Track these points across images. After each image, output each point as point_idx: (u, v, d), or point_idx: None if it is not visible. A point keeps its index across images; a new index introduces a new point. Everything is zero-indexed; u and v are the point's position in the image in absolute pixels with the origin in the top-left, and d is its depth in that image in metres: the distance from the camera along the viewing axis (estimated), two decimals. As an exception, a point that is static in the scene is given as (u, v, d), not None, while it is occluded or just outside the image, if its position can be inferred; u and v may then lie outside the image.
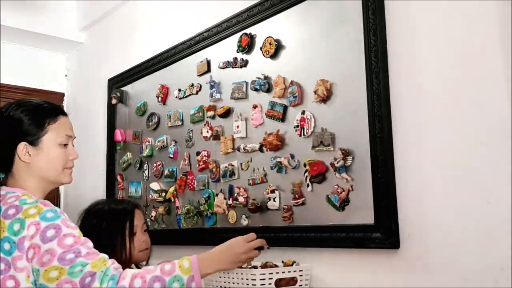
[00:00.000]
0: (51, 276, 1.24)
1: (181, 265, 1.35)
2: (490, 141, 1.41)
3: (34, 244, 1.24)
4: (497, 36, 1.41)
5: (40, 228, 1.25)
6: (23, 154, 1.38)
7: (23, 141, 1.38)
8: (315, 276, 1.80)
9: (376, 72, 1.65)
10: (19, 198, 1.32)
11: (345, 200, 1.72)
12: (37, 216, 1.27)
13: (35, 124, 1.40)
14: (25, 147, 1.38)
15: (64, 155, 1.43)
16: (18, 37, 3.38)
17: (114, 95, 3.00)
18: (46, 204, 1.31)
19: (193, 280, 1.33)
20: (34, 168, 1.40)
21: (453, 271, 1.45)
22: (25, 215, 1.27)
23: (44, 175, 1.41)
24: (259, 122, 2.08)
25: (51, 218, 1.28)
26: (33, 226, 1.25)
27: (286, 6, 2.00)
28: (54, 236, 1.25)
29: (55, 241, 1.25)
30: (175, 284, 1.31)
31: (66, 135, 1.45)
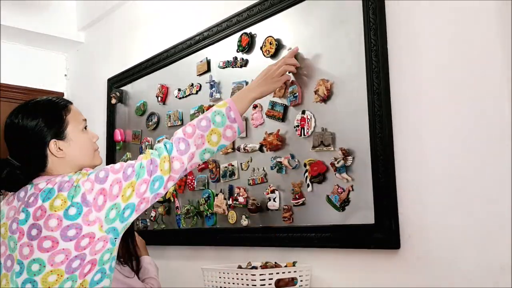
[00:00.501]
0: (128, 194, 1.36)
1: (217, 104, 1.56)
2: (490, 141, 1.40)
3: (98, 191, 1.33)
4: (497, 36, 1.41)
5: (92, 178, 1.35)
6: (56, 151, 1.43)
7: (51, 139, 1.43)
8: (315, 276, 1.80)
9: (377, 72, 1.65)
10: (65, 175, 1.40)
11: (346, 200, 1.72)
12: (86, 176, 1.37)
13: (56, 120, 1.45)
14: (55, 144, 1.43)
15: (89, 139, 1.52)
16: (18, 37, 3.38)
17: (114, 95, 3.00)
18: (88, 169, 1.43)
19: (231, 110, 1.52)
20: (69, 160, 1.45)
21: (453, 271, 1.45)
22: (77, 181, 1.36)
23: (80, 162, 1.47)
24: (259, 122, 2.08)
25: (94, 171, 1.40)
26: (87, 182, 1.35)
27: (286, 6, 2.00)
28: (106, 173, 1.36)
29: (110, 174, 1.36)
30: (217, 117, 1.51)
31: (83, 120, 1.52)
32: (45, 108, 1.47)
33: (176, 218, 2.47)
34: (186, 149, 1.44)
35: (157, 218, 2.60)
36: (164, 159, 1.40)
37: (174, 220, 2.49)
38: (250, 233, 2.06)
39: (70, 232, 1.30)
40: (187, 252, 2.40)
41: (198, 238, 2.32)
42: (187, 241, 2.37)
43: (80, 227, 1.31)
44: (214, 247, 2.25)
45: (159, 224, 2.59)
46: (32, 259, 1.32)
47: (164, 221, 2.57)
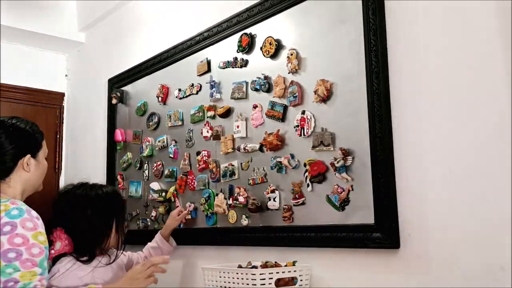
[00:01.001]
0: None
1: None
2: (490, 141, 1.41)
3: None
4: (497, 36, 1.41)
5: (0, 222, 1.38)
6: (26, 165, 1.54)
7: (28, 153, 1.56)
8: (315, 276, 1.80)
9: (376, 72, 1.65)
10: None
11: (345, 200, 1.72)
12: (3, 212, 1.40)
13: (38, 139, 1.61)
14: (29, 159, 1.55)
15: (46, 167, 1.67)
16: (18, 37, 3.38)
17: (114, 95, 3.00)
18: (15, 203, 1.44)
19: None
20: (28, 177, 1.57)
21: (453, 271, 1.45)
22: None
23: (33, 184, 1.60)
24: (259, 122, 2.08)
25: (13, 216, 1.41)
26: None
27: (286, 6, 2.00)
28: (8, 232, 1.38)
29: (6, 237, 1.37)
30: None
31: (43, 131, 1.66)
32: (32, 124, 1.62)
33: (177, 218, 2.48)
34: None
35: (158, 217, 2.60)
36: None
37: (174, 220, 2.49)
38: (250, 233, 2.06)
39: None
40: (187, 251, 2.41)
41: (198, 238, 2.32)
42: (187, 241, 2.38)
43: None
44: (214, 246, 2.25)
45: (160, 223, 2.59)
46: None
47: (164, 220, 2.57)
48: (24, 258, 1.38)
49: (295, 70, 1.93)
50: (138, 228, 2.71)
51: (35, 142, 1.60)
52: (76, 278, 1.75)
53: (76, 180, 2.02)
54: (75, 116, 3.57)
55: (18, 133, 1.56)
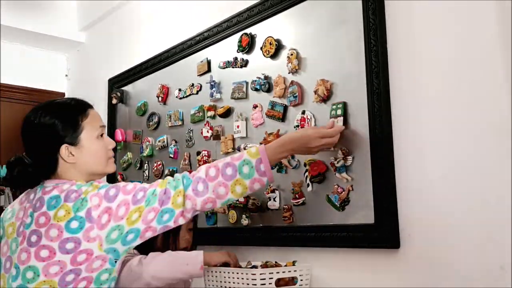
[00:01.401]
0: (133, 218, 1.32)
1: (249, 151, 1.43)
2: (490, 141, 1.40)
3: (104, 209, 1.31)
4: (497, 36, 1.41)
5: (102, 194, 1.33)
6: (67, 156, 1.41)
7: (63, 143, 1.41)
8: (315, 276, 1.80)
9: (376, 72, 1.65)
10: (74, 184, 1.37)
11: (345, 199, 1.72)
12: (96, 189, 1.34)
13: (70, 124, 1.43)
14: (67, 149, 1.41)
15: (104, 146, 1.48)
16: (18, 37, 3.38)
17: (115, 95, 3.01)
18: (100, 181, 1.40)
19: (261, 162, 1.39)
20: (80, 166, 1.43)
21: (453, 271, 1.45)
22: (85, 194, 1.33)
23: (91, 170, 1.45)
24: (259, 122, 2.08)
25: (105, 186, 1.36)
26: (95, 196, 1.32)
27: (286, 6, 2.00)
28: (117, 191, 1.34)
29: (120, 194, 1.33)
30: (244, 167, 1.39)
31: (100, 126, 1.49)
32: (63, 111, 1.45)
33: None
34: (203, 192, 1.37)
35: (158, 218, 2.60)
36: (179, 192, 1.35)
37: (174, 220, 2.49)
38: (250, 233, 2.06)
39: (68, 245, 1.29)
40: (188, 252, 2.40)
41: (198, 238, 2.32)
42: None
43: (79, 242, 1.29)
44: (214, 246, 2.25)
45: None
46: (28, 265, 1.30)
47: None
48: (148, 185, 1.38)
49: (295, 70, 1.93)
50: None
51: (68, 127, 1.41)
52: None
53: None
54: (75, 116, 3.56)
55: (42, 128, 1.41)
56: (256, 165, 1.39)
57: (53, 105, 1.47)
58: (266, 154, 1.41)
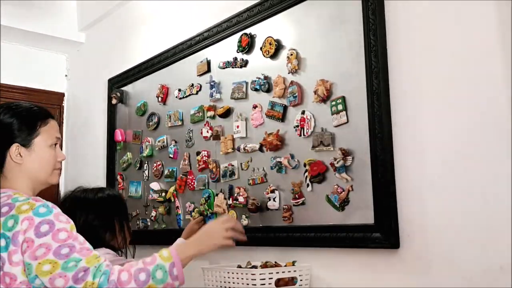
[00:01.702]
0: (44, 269, 1.26)
1: (161, 254, 1.39)
2: (490, 141, 1.41)
3: (27, 238, 1.27)
4: (497, 36, 1.41)
5: (34, 223, 1.28)
6: (15, 155, 1.42)
7: (15, 142, 1.42)
8: (315, 276, 1.80)
9: (376, 72, 1.65)
10: (11, 196, 1.36)
11: (345, 200, 1.72)
12: (30, 211, 1.30)
13: (28, 127, 1.44)
14: (17, 148, 1.42)
15: (54, 157, 1.48)
16: (18, 37, 3.38)
17: (114, 95, 3.00)
18: (38, 200, 1.35)
19: (174, 266, 1.36)
20: (25, 169, 1.44)
21: (453, 271, 1.45)
22: (18, 211, 1.30)
23: (35, 175, 1.45)
24: (259, 122, 2.08)
25: (43, 214, 1.31)
26: (27, 220, 1.28)
27: (286, 6, 2.00)
28: (48, 231, 1.28)
29: (49, 236, 1.28)
30: (158, 272, 1.35)
31: (56, 137, 1.50)
32: (24, 113, 1.46)
33: (177, 218, 2.48)
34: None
35: (158, 218, 2.60)
36: (92, 284, 1.27)
37: (174, 220, 2.49)
38: (250, 233, 2.04)
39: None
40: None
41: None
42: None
43: (4, 262, 1.27)
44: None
45: (160, 224, 2.59)
46: None
47: (164, 220, 2.57)
48: (79, 248, 1.30)
49: (295, 70, 1.93)
50: (138, 228, 2.71)
51: (25, 128, 1.43)
52: None
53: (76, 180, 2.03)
54: (75, 116, 3.57)
55: (1, 124, 1.43)
56: (169, 269, 1.36)
57: (18, 107, 1.49)
58: (179, 258, 1.38)
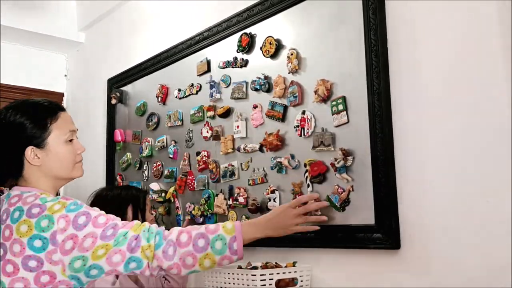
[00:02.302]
0: (99, 254, 1.28)
1: (225, 226, 1.38)
2: (490, 141, 1.40)
3: (70, 235, 1.27)
4: (498, 36, 1.41)
5: (70, 219, 1.28)
6: (31, 158, 1.38)
7: (29, 145, 1.38)
8: (315, 276, 1.80)
9: (377, 72, 1.65)
10: (39, 196, 1.33)
11: (346, 200, 1.72)
12: (63, 209, 1.29)
13: (38, 126, 1.39)
14: (32, 151, 1.38)
15: (72, 151, 1.45)
16: (18, 37, 3.38)
17: (114, 95, 3.00)
18: (68, 198, 1.34)
19: (235, 241, 1.35)
20: (45, 169, 1.40)
21: (453, 271, 1.45)
22: (51, 211, 1.29)
23: (56, 174, 1.42)
24: (259, 122, 2.08)
25: (76, 209, 1.31)
26: (62, 219, 1.28)
27: (286, 6, 2.00)
28: (87, 221, 1.29)
29: (90, 225, 1.29)
30: (217, 242, 1.34)
31: (70, 131, 1.45)
32: (31, 111, 1.41)
33: (177, 218, 2.47)
34: (171, 256, 1.32)
35: (157, 218, 2.60)
36: (148, 246, 1.30)
37: (174, 220, 2.49)
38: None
39: (31, 263, 1.25)
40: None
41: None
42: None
43: (42, 262, 1.25)
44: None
45: (159, 224, 2.58)
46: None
47: (164, 221, 2.57)
48: (121, 224, 1.32)
49: (295, 70, 1.93)
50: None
51: (36, 129, 1.38)
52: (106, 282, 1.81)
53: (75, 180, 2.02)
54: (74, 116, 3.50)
55: (10, 127, 1.38)
56: (229, 242, 1.35)
57: (24, 105, 1.44)
58: (241, 233, 1.36)
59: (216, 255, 1.34)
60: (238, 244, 1.35)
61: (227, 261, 1.36)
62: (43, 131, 1.39)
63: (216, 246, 1.33)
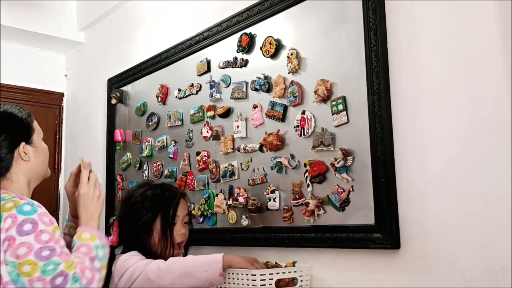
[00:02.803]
0: (24, 270, 1.24)
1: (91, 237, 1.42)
2: (490, 141, 1.40)
3: (9, 236, 1.25)
4: (497, 36, 1.41)
5: (17, 220, 1.27)
6: (23, 154, 1.41)
7: (22, 141, 1.41)
8: (315, 276, 1.80)
9: (377, 71, 1.65)
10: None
11: (346, 200, 1.72)
12: (14, 209, 1.28)
13: (28, 122, 1.45)
14: (24, 146, 1.41)
15: (47, 149, 1.52)
16: (18, 37, 3.38)
17: (114, 95, 3.00)
18: (23, 198, 1.33)
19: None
20: (31, 166, 1.43)
21: (453, 271, 1.45)
22: (2, 209, 1.28)
23: (38, 170, 1.46)
24: (259, 122, 2.08)
25: (28, 212, 1.29)
26: (10, 218, 1.27)
27: (286, 6, 2.00)
28: (31, 231, 1.27)
29: (32, 235, 1.26)
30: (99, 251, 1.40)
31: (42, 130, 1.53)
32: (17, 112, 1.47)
33: (176, 218, 2.47)
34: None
35: (157, 218, 2.59)
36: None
37: (174, 220, 2.49)
38: (250, 233, 2.06)
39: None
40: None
41: (198, 238, 2.31)
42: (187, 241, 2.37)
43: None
44: (214, 247, 2.25)
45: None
46: None
47: (164, 221, 2.56)
48: (59, 252, 1.29)
49: (295, 70, 1.93)
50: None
51: (26, 126, 1.45)
52: None
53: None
54: (74, 116, 3.56)
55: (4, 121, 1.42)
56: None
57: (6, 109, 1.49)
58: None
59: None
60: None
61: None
62: (30, 127, 1.46)
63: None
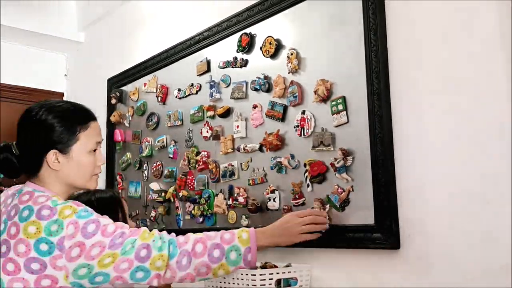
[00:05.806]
0: (106, 262, 1.27)
1: (240, 236, 1.40)
2: (490, 141, 1.40)
3: (77, 242, 1.26)
4: (498, 36, 1.41)
5: (79, 226, 1.27)
6: (52, 162, 1.37)
7: (53, 148, 1.37)
8: (315, 276, 1.80)
9: (377, 72, 1.65)
10: (50, 198, 1.32)
11: (345, 200, 1.72)
12: (74, 215, 1.28)
13: (67, 132, 1.38)
14: (54, 154, 1.37)
15: (93, 162, 1.43)
16: (18, 37, 3.38)
17: (114, 95, 3.00)
18: (79, 204, 1.33)
19: (250, 252, 1.37)
20: (62, 175, 1.39)
21: (453, 271, 1.45)
22: (62, 216, 1.27)
23: (72, 182, 1.41)
24: (259, 122, 2.08)
25: (86, 216, 1.29)
26: (72, 225, 1.26)
27: (286, 6, 2.00)
28: (96, 230, 1.28)
29: (98, 234, 1.28)
30: (232, 253, 1.36)
31: (96, 142, 1.44)
32: (64, 115, 1.40)
33: (176, 218, 2.47)
34: (186, 267, 1.33)
35: (157, 218, 2.60)
36: (160, 256, 1.30)
37: (174, 220, 2.49)
38: (250, 233, 2.06)
39: (34, 265, 1.24)
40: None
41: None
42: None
43: (45, 265, 1.24)
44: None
45: (159, 224, 2.59)
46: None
47: (164, 221, 2.57)
48: (129, 232, 1.31)
49: (295, 70, 1.93)
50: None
51: (65, 134, 1.37)
52: None
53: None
54: (74, 116, 3.56)
55: (40, 126, 1.37)
56: (244, 253, 1.36)
57: (58, 107, 1.42)
58: (255, 243, 1.38)
59: (230, 265, 1.36)
60: (252, 255, 1.37)
61: (238, 269, 1.39)
62: (71, 137, 1.39)
63: (231, 257, 1.35)
